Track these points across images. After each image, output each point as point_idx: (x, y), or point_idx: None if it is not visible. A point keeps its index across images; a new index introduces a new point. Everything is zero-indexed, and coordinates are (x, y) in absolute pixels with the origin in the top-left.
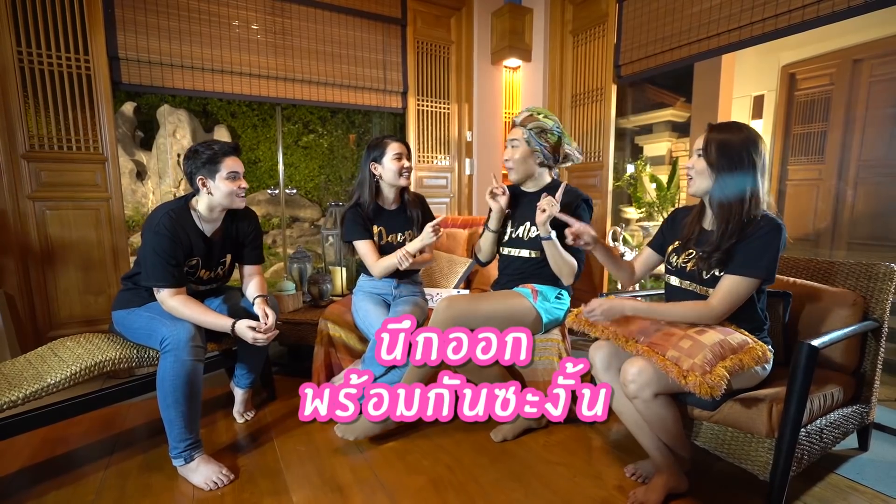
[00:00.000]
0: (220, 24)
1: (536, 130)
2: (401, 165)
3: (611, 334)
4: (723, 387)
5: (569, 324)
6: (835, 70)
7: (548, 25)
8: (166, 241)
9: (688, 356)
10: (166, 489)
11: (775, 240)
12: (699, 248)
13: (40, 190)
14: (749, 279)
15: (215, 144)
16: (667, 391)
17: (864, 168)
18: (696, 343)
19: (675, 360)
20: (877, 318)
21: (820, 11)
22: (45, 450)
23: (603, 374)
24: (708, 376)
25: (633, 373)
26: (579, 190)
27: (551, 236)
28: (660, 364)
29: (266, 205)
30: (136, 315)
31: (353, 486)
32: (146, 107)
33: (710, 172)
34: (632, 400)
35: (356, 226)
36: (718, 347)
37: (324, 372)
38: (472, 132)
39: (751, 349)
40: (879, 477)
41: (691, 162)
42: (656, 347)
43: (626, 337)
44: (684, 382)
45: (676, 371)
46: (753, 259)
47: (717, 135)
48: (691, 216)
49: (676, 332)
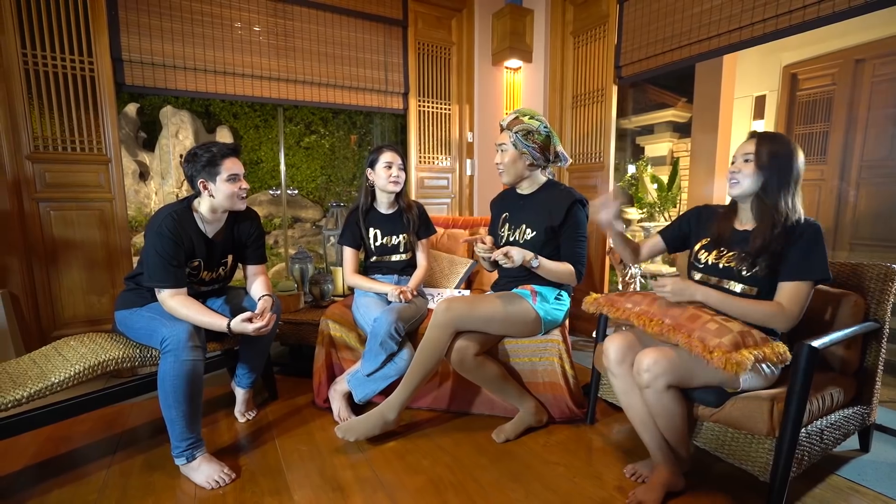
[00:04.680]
0: (222, 26)
1: (522, 133)
2: (389, 174)
3: (633, 315)
4: (748, 365)
5: (585, 306)
6: (837, 70)
7: (548, 26)
8: (168, 242)
9: (715, 336)
10: (168, 488)
11: (821, 240)
12: (738, 248)
13: (45, 190)
14: (810, 282)
15: (214, 146)
16: (679, 383)
17: (866, 168)
18: (723, 327)
19: (701, 339)
20: (878, 319)
21: (821, 11)
22: (49, 448)
23: (616, 367)
24: (734, 354)
25: (649, 362)
26: (574, 190)
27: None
28: (684, 342)
29: (268, 205)
30: (137, 315)
31: (353, 485)
32: (149, 108)
33: (757, 176)
34: (643, 390)
35: (348, 231)
36: (743, 336)
37: (325, 372)
38: (472, 133)
39: (775, 345)
40: (880, 478)
41: (737, 167)
42: (682, 328)
43: (650, 317)
44: (710, 357)
45: (702, 347)
46: (809, 262)
47: (769, 143)
48: (721, 216)
49: (703, 316)
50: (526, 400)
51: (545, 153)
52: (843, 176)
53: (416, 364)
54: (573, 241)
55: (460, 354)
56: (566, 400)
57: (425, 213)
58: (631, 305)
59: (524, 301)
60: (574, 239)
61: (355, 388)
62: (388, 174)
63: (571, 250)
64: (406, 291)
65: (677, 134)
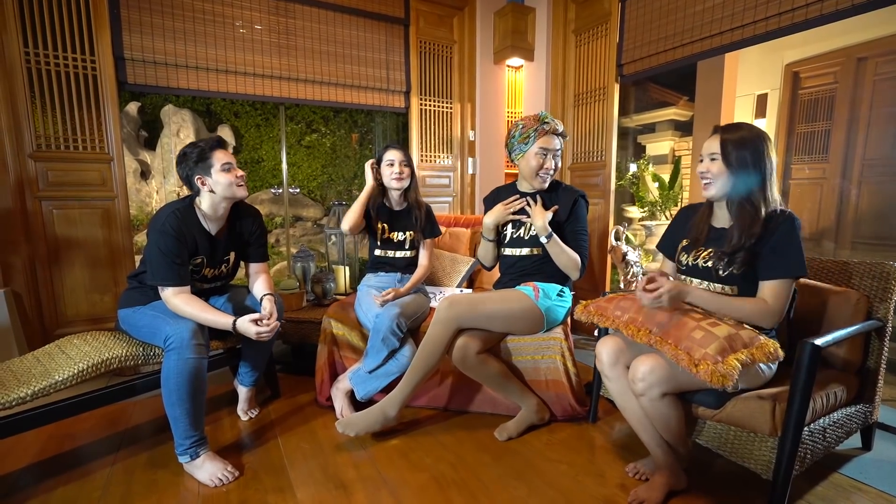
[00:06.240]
0: (224, 24)
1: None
2: (392, 171)
3: (622, 324)
4: (735, 376)
5: (577, 315)
6: (839, 68)
7: (550, 25)
8: (171, 240)
9: (700, 346)
10: (172, 485)
11: (796, 235)
12: (715, 247)
13: (47, 189)
14: (788, 279)
15: (200, 142)
16: (675, 391)
17: (868, 167)
18: (709, 334)
19: (687, 350)
20: (880, 317)
21: (823, 10)
22: (53, 446)
23: (610, 370)
24: (720, 365)
25: (644, 371)
26: (574, 186)
27: (552, 235)
28: (671, 353)
29: (269, 204)
30: (140, 313)
31: (356, 482)
32: (150, 107)
33: (728, 174)
34: (638, 398)
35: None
36: (730, 340)
37: (327, 370)
38: (474, 131)
39: (763, 345)
40: (883, 476)
41: (705, 166)
42: (669, 337)
43: (639, 327)
44: (695, 371)
45: (687, 360)
46: (786, 260)
47: (731, 135)
48: (699, 215)
49: (689, 322)
50: (528, 398)
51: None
52: (844, 174)
53: (418, 361)
54: (576, 235)
55: (462, 352)
56: (568, 398)
57: (432, 214)
58: (619, 313)
59: (527, 298)
60: (577, 233)
61: (357, 385)
62: (391, 171)
63: (575, 243)
64: (389, 294)
65: (679, 132)
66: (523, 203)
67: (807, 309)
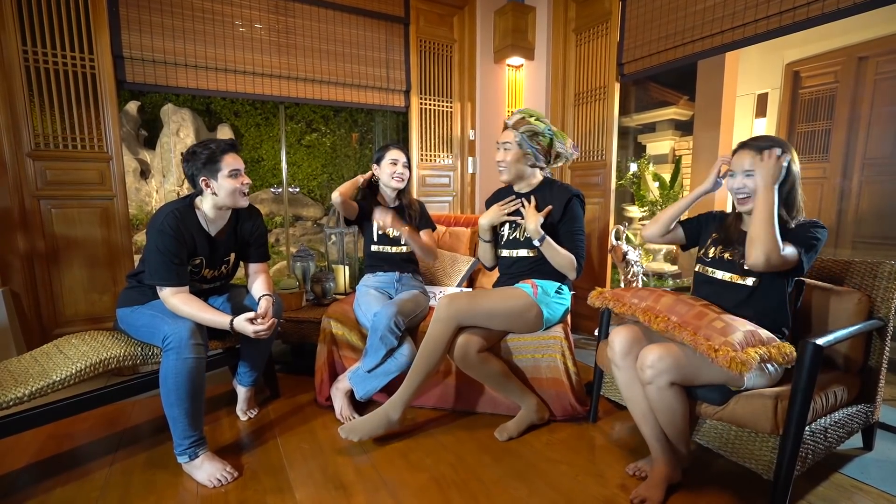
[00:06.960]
0: (223, 23)
1: (529, 134)
2: (393, 170)
3: (640, 311)
4: (753, 365)
5: (590, 300)
6: (839, 68)
7: (551, 23)
8: (170, 239)
9: (720, 335)
10: (170, 486)
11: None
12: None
13: (46, 188)
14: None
15: (212, 143)
16: (682, 382)
17: (868, 166)
18: (729, 325)
19: (706, 337)
20: (882, 316)
21: (824, 8)
22: (51, 446)
23: (621, 360)
24: (739, 353)
25: (653, 358)
26: (570, 185)
27: (545, 238)
28: (689, 339)
29: (269, 203)
30: (139, 313)
31: (355, 483)
32: (150, 106)
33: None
34: (645, 386)
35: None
36: (750, 335)
37: (327, 370)
38: (474, 130)
39: (780, 345)
40: (884, 476)
41: (741, 182)
42: (688, 325)
43: (656, 314)
44: (715, 356)
45: (707, 346)
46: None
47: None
48: (730, 221)
49: (709, 314)
50: (528, 397)
51: (547, 155)
52: (845, 174)
53: (419, 360)
54: (572, 235)
55: (463, 350)
56: (569, 397)
57: (426, 210)
58: (637, 301)
59: (526, 295)
60: (572, 233)
61: (356, 384)
62: (392, 170)
63: (571, 244)
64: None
65: (679, 132)
66: (518, 204)
67: (808, 309)
